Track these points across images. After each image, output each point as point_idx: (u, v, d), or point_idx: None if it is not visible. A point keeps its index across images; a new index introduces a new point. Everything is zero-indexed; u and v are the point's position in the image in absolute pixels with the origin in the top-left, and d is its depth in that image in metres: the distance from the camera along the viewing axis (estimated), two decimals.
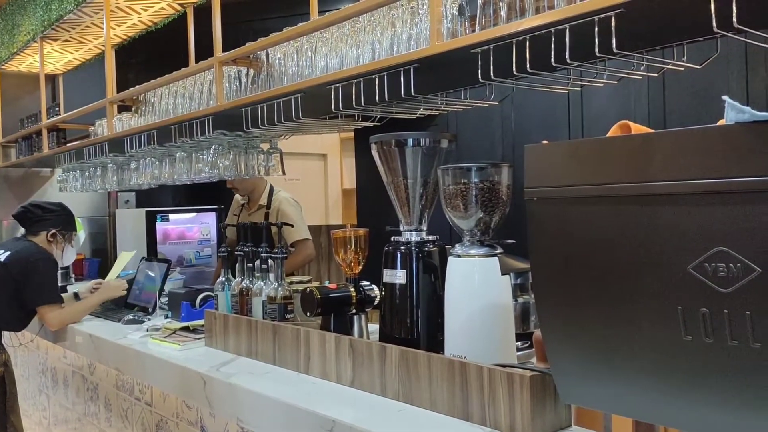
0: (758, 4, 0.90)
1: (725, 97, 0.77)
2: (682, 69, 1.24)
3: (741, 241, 0.76)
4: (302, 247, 3.04)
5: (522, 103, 3.06)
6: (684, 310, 0.81)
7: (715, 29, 0.95)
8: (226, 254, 1.98)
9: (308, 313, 1.55)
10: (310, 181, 5.20)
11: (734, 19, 0.92)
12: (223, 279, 1.91)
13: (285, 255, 1.75)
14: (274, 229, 1.88)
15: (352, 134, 4.07)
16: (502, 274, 1.25)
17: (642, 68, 1.29)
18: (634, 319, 0.86)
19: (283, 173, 2.28)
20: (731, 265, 0.77)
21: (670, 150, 0.82)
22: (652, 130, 0.94)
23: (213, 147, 2.19)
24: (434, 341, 1.38)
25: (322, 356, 1.49)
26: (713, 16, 0.94)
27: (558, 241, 0.95)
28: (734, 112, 0.76)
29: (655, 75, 1.30)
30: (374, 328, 1.59)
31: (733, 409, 0.80)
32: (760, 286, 0.74)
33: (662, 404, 0.87)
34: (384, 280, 1.45)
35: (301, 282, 1.84)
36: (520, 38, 1.18)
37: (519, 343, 1.41)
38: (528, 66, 1.19)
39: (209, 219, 3.49)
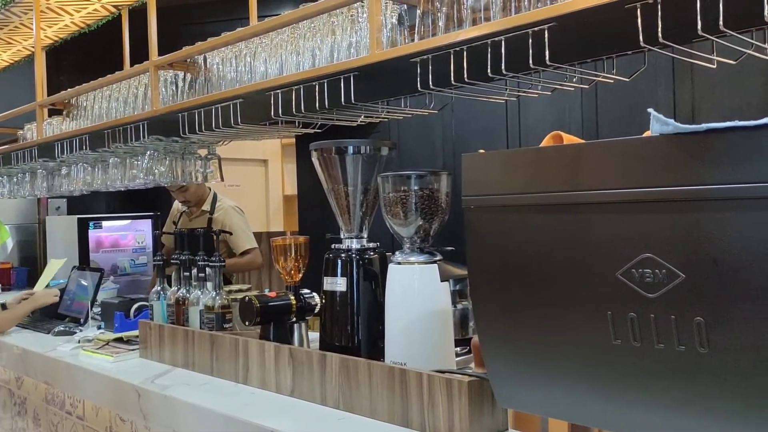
0: (681, 20, 0.94)
1: (650, 110, 0.81)
2: (612, 81, 1.28)
3: (666, 248, 0.79)
4: (251, 255, 3.04)
5: (462, 112, 3.11)
6: (613, 315, 0.84)
7: (642, 44, 0.99)
8: (162, 262, 1.94)
9: (247, 323, 1.53)
10: (251, 187, 5.14)
11: (659, 35, 0.96)
12: (159, 288, 1.87)
13: (223, 263, 1.72)
14: (217, 236, 1.85)
15: (293, 140, 4.04)
16: (442, 281, 1.27)
17: (574, 80, 1.33)
18: (567, 324, 0.89)
19: (222, 179, 2.24)
20: (657, 271, 0.80)
21: (599, 160, 0.85)
22: (583, 141, 0.97)
23: (148, 153, 2.13)
24: (375, 348, 1.38)
25: (261, 366, 1.47)
26: (640, 31, 0.98)
27: (494, 248, 0.96)
28: (659, 124, 0.79)
29: (587, 87, 1.34)
30: (315, 336, 1.58)
31: (661, 410, 0.83)
32: (684, 291, 0.78)
33: (594, 406, 0.90)
34: (324, 288, 1.45)
35: (240, 290, 1.81)
36: (458, 49, 1.20)
37: (458, 349, 1.43)
38: (466, 76, 1.21)
39: (145, 226, 3.41)
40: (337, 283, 1.41)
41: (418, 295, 1.27)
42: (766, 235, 0.72)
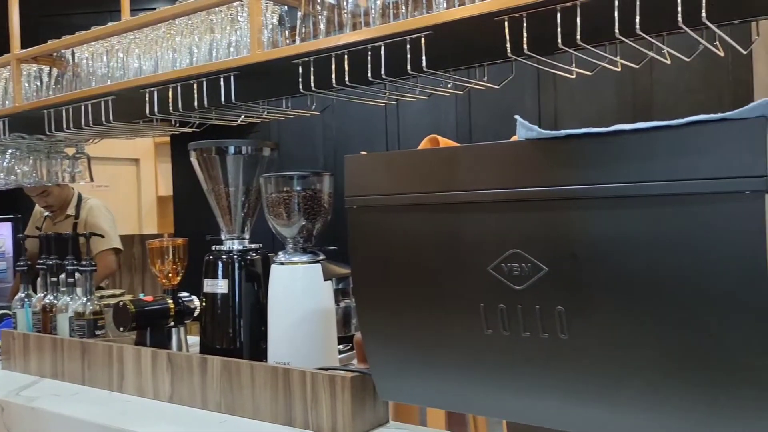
0: (544, 33, 1.02)
1: (517, 117, 0.87)
2: (484, 88, 1.36)
3: (531, 244, 0.85)
4: (100, 258, 2.86)
5: (343, 113, 3.14)
6: (485, 306, 0.90)
7: (509, 54, 1.06)
8: (26, 268, 1.81)
9: (122, 329, 1.47)
10: (122, 187, 4.89)
11: (525, 46, 1.04)
12: (23, 295, 1.75)
13: (94, 268, 1.64)
14: (82, 239, 1.76)
15: (167, 139, 3.90)
16: (325, 280, 1.29)
17: (449, 86, 1.40)
18: (443, 317, 0.94)
19: (91, 180, 2.13)
20: (523, 265, 0.86)
21: (472, 162, 0.90)
22: (458, 144, 1.03)
23: (9, 151, 1.99)
24: (257, 350, 1.38)
25: (137, 372, 1.42)
26: (508, 42, 1.05)
27: (376, 247, 1.00)
28: (524, 129, 0.85)
29: (461, 93, 1.41)
30: (194, 340, 1.54)
31: (529, 393, 0.89)
32: (547, 282, 0.85)
33: (470, 394, 0.95)
34: (205, 291, 1.42)
35: (113, 295, 1.74)
36: (339, 52, 1.23)
37: (341, 347, 1.46)
38: (347, 79, 1.24)
39: (4, 230, 3.17)
40: (218, 285, 1.39)
41: (301, 295, 1.28)
42: (619, 231, 0.80)
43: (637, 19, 0.94)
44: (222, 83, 1.40)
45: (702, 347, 0.74)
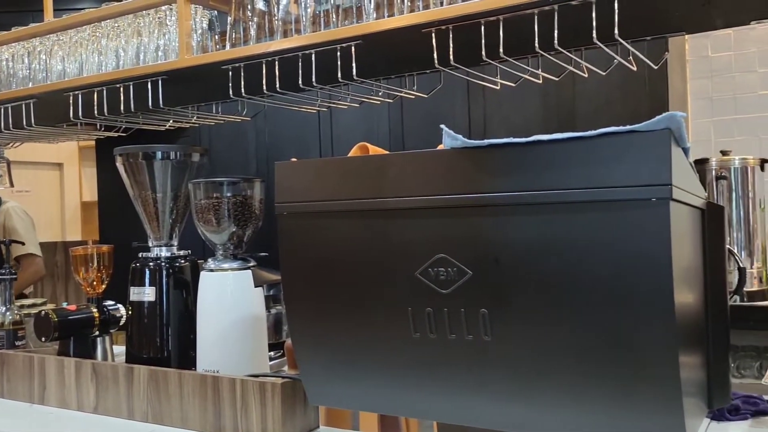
0: (469, 45, 1.06)
1: (443, 126, 0.90)
2: (414, 96, 1.39)
3: (456, 249, 0.88)
4: (28, 263, 2.75)
5: (275, 119, 3.12)
6: (413, 310, 0.92)
7: (436, 65, 1.09)
8: None
9: (44, 339, 1.42)
10: (44, 193, 4.70)
11: (451, 58, 1.07)
12: None
13: (14, 276, 1.58)
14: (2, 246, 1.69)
15: (93, 142, 3.78)
16: (256, 287, 1.29)
17: (380, 94, 1.42)
18: (373, 322, 0.95)
19: (11, 185, 2.05)
20: (449, 269, 0.89)
21: (400, 170, 0.92)
22: (387, 152, 1.05)
23: None
24: (186, 358, 1.36)
25: (60, 384, 1.37)
26: (435, 53, 1.08)
27: (306, 253, 1.01)
28: (449, 138, 0.88)
29: (391, 101, 1.44)
30: (121, 350, 1.51)
31: (456, 394, 0.92)
32: (472, 286, 0.87)
33: (399, 396, 0.97)
34: (131, 299, 1.39)
35: (33, 305, 1.67)
36: (269, 59, 1.23)
37: (272, 353, 1.45)
38: (278, 86, 1.25)
39: None
40: (145, 293, 1.37)
41: (231, 302, 1.27)
42: (538, 236, 0.83)
43: (555, 35, 0.98)
44: (149, 87, 1.38)
45: (612, 347, 0.79)
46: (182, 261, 1.40)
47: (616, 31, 0.94)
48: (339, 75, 1.17)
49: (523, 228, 0.84)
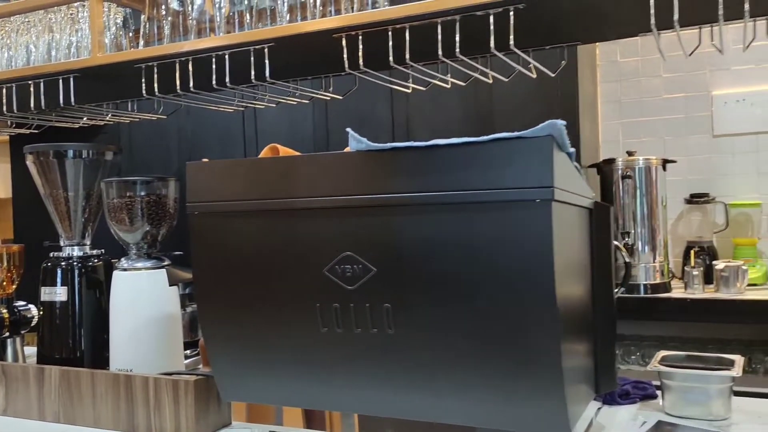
0: (378, 51, 1.10)
1: (348, 129, 0.94)
2: (329, 98, 1.43)
3: (362, 247, 0.92)
4: None
5: (198, 116, 3.09)
6: (321, 306, 0.95)
7: (346, 69, 1.13)
8: None
9: None
10: None
11: (360, 62, 1.11)
12: None
13: None
14: None
15: (6, 138, 3.64)
16: (171, 285, 1.29)
17: (297, 95, 1.45)
18: (282, 318, 0.98)
19: None
20: (355, 266, 0.93)
21: (308, 171, 0.96)
22: (298, 153, 1.08)
23: None
24: (99, 358, 1.35)
25: None
26: (345, 57, 1.12)
27: (217, 252, 1.03)
28: (354, 141, 0.92)
29: (307, 102, 1.46)
30: (33, 351, 1.48)
31: (362, 386, 0.96)
32: (376, 282, 0.92)
33: (308, 389, 1.00)
34: (42, 299, 1.37)
35: None
36: (183, 59, 1.24)
37: (188, 351, 1.46)
38: (192, 85, 1.25)
39: None
40: (57, 293, 1.35)
41: (144, 301, 1.27)
42: (436, 235, 0.88)
43: (457, 43, 1.04)
44: (61, 85, 1.36)
45: (502, 338, 0.85)
46: (95, 260, 1.38)
47: (511, 42, 1.00)
48: (252, 76, 1.20)
49: (423, 227, 0.89)
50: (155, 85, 1.28)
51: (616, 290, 1.11)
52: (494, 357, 0.86)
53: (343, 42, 1.11)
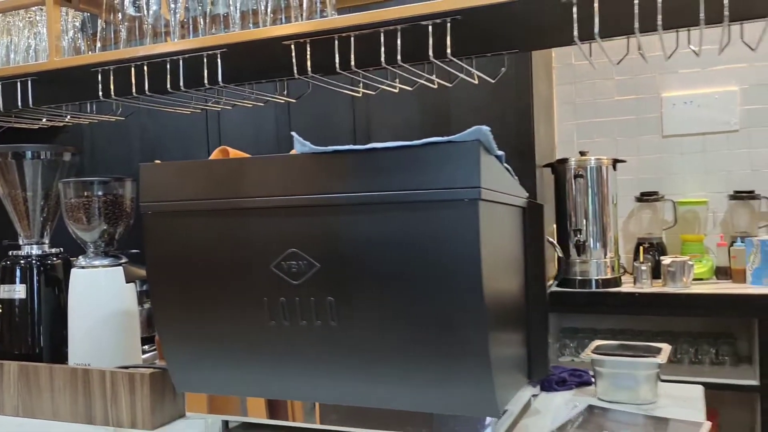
0: (325, 57, 1.16)
1: (293, 133, 0.99)
2: (283, 101, 1.48)
3: (306, 244, 0.98)
4: None
5: (161, 116, 3.10)
6: (268, 300, 1.01)
7: (296, 74, 1.18)
8: None
9: None
10: None
11: (309, 68, 1.17)
12: None
13: None
14: None
15: None
16: (128, 282, 1.33)
17: (252, 98, 1.50)
18: (233, 312, 1.04)
19: None
20: (300, 262, 0.98)
21: (256, 173, 1.01)
22: (248, 155, 1.13)
23: None
24: (58, 354, 1.38)
25: None
26: (294, 64, 1.17)
27: (170, 250, 1.07)
28: (299, 144, 0.98)
29: (263, 104, 1.51)
30: None
31: (309, 375, 1.02)
32: (320, 277, 0.98)
33: (258, 379, 1.06)
34: (1, 297, 1.40)
35: None
36: (139, 63, 1.28)
37: (146, 347, 1.50)
38: (147, 88, 1.30)
39: None
40: (16, 291, 1.38)
41: (102, 298, 1.31)
42: (374, 232, 0.94)
43: (398, 50, 1.10)
44: (19, 88, 1.39)
45: (435, 329, 0.91)
46: (54, 259, 1.42)
47: (448, 51, 1.07)
48: (206, 80, 1.24)
49: (362, 225, 0.95)
50: (112, 88, 1.32)
51: (549, 284, 1.18)
52: (429, 346, 0.92)
53: (293, 49, 1.17)
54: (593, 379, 1.29)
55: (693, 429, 1.05)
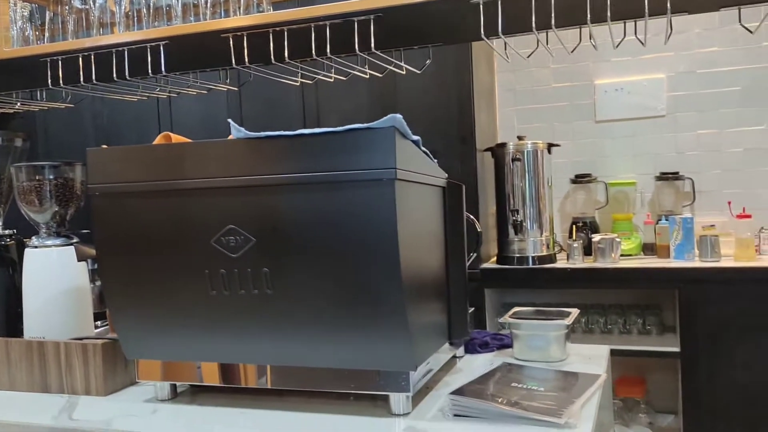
0: (263, 49, 1.25)
1: (230, 120, 1.09)
2: (225, 89, 1.57)
3: (243, 220, 1.08)
4: None
5: (114, 101, 3.14)
6: (210, 272, 1.11)
7: (233, 65, 1.28)
8: None
9: None
10: None
11: (246, 59, 1.26)
12: None
13: None
14: None
15: None
16: (79, 261, 1.41)
17: (197, 85, 1.59)
18: (177, 284, 1.13)
19: None
20: (238, 237, 1.09)
21: (196, 156, 1.11)
22: (189, 140, 1.22)
23: None
24: (14, 331, 1.46)
25: None
26: (232, 55, 1.27)
27: (117, 228, 1.16)
28: (235, 130, 1.08)
29: (206, 92, 1.60)
30: None
31: (248, 339, 1.12)
32: (256, 250, 1.08)
33: (201, 345, 1.16)
34: None
35: None
36: (86, 54, 1.36)
37: (99, 322, 1.58)
38: (94, 78, 1.37)
39: None
40: None
41: (55, 277, 1.39)
42: (303, 209, 1.05)
43: (328, 45, 1.20)
44: None
45: (359, 295, 1.03)
46: (8, 240, 1.49)
47: (372, 44, 1.18)
48: (150, 70, 1.33)
49: (293, 203, 1.05)
50: (60, 77, 1.39)
51: (469, 255, 1.31)
52: (355, 310, 1.04)
53: (231, 41, 1.26)
54: (512, 342, 1.43)
55: (591, 380, 1.19)
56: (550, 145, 2.76)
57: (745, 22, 1.18)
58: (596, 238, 2.65)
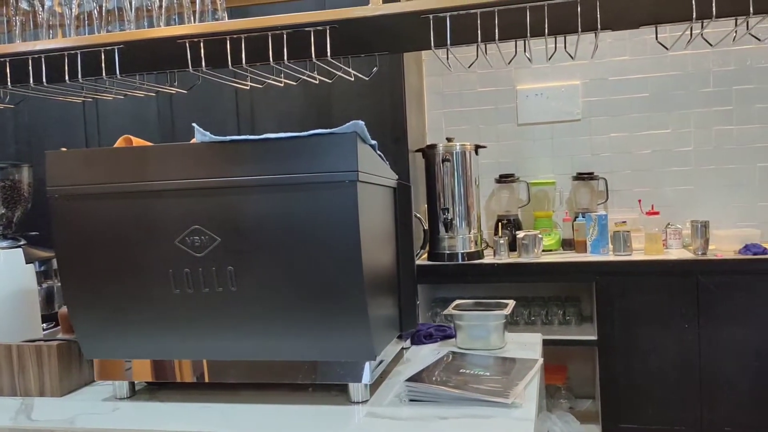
0: (218, 54, 1.29)
1: (194, 125, 1.13)
2: (174, 92, 1.59)
3: (207, 221, 1.12)
4: None
5: (36, 100, 3.05)
6: (174, 272, 1.14)
7: (190, 69, 1.31)
8: None
9: None
10: None
11: (203, 63, 1.30)
12: None
13: None
14: None
15: None
16: (27, 263, 1.40)
17: (144, 88, 1.60)
18: (141, 284, 1.16)
19: None
20: (202, 237, 1.13)
21: (160, 159, 1.14)
22: (150, 143, 1.25)
23: None
24: None
25: None
26: (189, 59, 1.30)
27: (78, 230, 1.18)
28: (199, 134, 1.12)
29: (154, 95, 1.62)
30: None
31: (212, 336, 1.17)
32: (220, 249, 1.13)
33: (164, 343, 1.19)
34: None
35: None
36: (36, 56, 1.35)
37: (45, 324, 1.57)
38: (45, 80, 1.37)
39: None
40: None
41: (3, 279, 1.38)
42: (267, 210, 1.10)
43: (285, 51, 1.26)
44: None
45: (322, 292, 1.09)
46: None
47: (328, 52, 1.24)
48: (103, 73, 1.34)
49: (257, 204, 1.11)
50: (8, 79, 1.38)
51: (417, 252, 1.40)
52: (318, 305, 1.10)
53: (187, 47, 1.29)
54: (455, 332, 1.53)
55: (531, 364, 1.31)
56: (477, 147, 2.90)
57: (654, 35, 1.32)
58: (520, 234, 2.81)
